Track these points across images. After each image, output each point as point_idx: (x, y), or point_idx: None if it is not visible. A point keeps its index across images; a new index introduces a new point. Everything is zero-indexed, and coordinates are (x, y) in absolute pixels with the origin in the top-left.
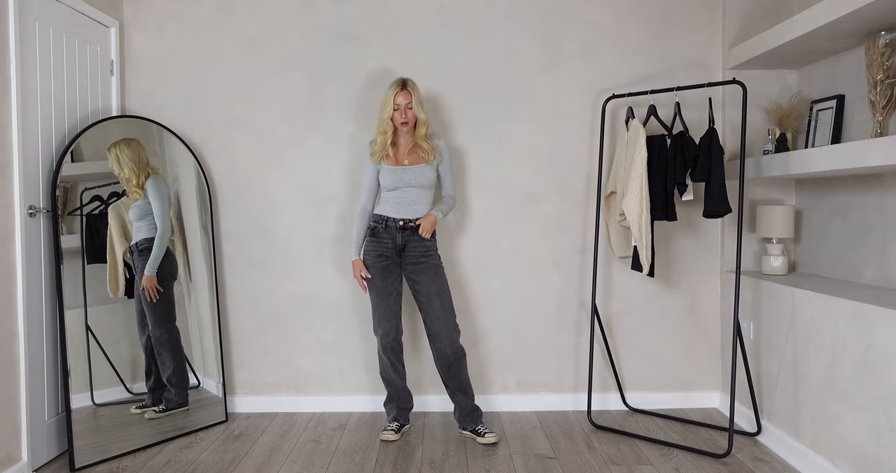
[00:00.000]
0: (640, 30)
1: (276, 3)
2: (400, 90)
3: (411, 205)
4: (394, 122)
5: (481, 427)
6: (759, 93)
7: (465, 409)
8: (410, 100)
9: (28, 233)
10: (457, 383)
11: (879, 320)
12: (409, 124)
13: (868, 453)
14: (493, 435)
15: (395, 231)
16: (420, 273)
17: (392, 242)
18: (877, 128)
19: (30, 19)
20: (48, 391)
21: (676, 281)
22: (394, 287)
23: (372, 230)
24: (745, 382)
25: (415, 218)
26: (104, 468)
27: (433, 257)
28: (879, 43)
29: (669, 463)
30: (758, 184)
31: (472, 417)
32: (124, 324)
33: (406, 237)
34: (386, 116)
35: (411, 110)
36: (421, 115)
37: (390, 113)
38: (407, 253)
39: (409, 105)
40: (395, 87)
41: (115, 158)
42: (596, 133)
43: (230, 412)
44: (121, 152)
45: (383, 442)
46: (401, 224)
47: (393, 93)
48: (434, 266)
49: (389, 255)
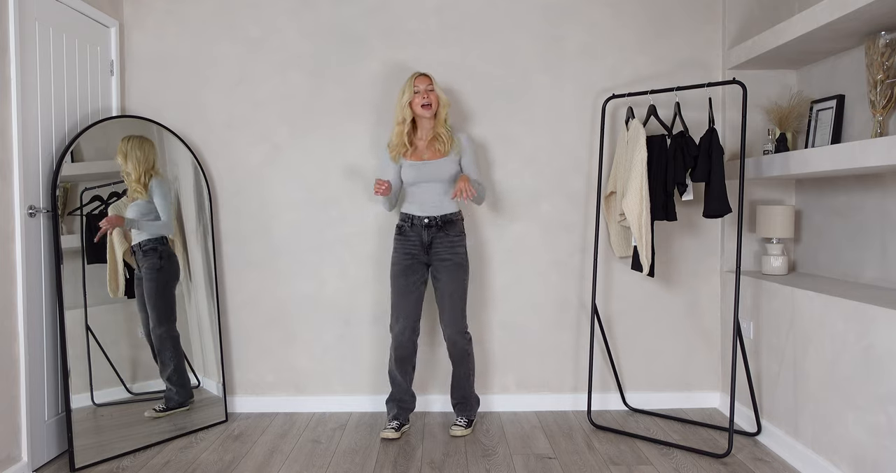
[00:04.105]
0: (640, 30)
1: (276, 3)
2: (419, 75)
3: (435, 201)
4: (413, 108)
5: (459, 418)
6: (759, 93)
7: (455, 399)
8: (431, 82)
9: (28, 233)
10: (455, 374)
11: (879, 320)
12: (431, 107)
13: (868, 453)
14: (461, 429)
15: (420, 229)
16: (443, 270)
17: (419, 240)
18: (877, 128)
19: (30, 19)
20: (48, 391)
21: (676, 281)
22: (415, 287)
23: (399, 229)
24: (745, 382)
25: (440, 215)
26: (104, 468)
27: (459, 255)
28: (879, 43)
29: (669, 463)
30: (758, 184)
31: (457, 408)
32: (124, 324)
33: (432, 234)
34: (405, 101)
35: (433, 91)
36: (443, 96)
37: (410, 97)
38: (434, 250)
39: (429, 87)
40: (414, 74)
41: (123, 152)
42: (596, 133)
43: (230, 412)
44: (131, 148)
45: (384, 440)
46: (426, 222)
47: (413, 79)
48: (457, 265)
49: (416, 253)
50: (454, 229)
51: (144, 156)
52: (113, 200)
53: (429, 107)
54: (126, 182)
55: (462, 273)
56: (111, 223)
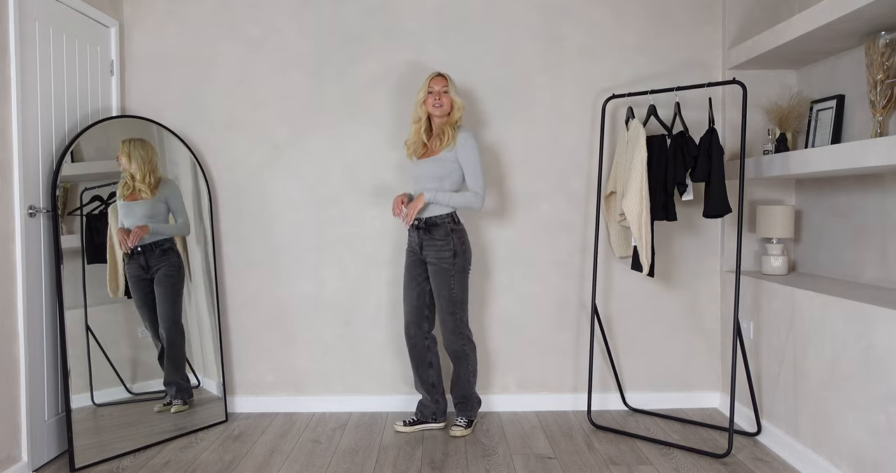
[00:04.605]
0: (640, 30)
1: (276, 3)
2: (436, 76)
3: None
4: (427, 108)
5: (459, 418)
6: (759, 93)
7: (456, 398)
8: (446, 84)
9: (28, 233)
10: (455, 374)
11: (879, 320)
12: (443, 109)
13: (868, 453)
14: (460, 429)
15: (412, 229)
16: (433, 274)
17: (415, 239)
18: (877, 128)
19: (30, 19)
20: (48, 391)
21: (676, 281)
22: (416, 283)
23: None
24: (745, 382)
25: (424, 217)
26: (104, 468)
27: (442, 259)
28: (879, 43)
29: (669, 463)
30: (758, 184)
31: (457, 407)
32: (124, 324)
33: (420, 236)
34: (420, 99)
35: (447, 94)
36: (457, 100)
37: (424, 96)
38: (424, 252)
39: (444, 88)
40: (432, 74)
41: (126, 153)
42: (596, 133)
43: (230, 412)
44: (133, 148)
45: (397, 433)
46: (415, 223)
47: (429, 79)
48: (441, 270)
49: (416, 251)
50: (439, 232)
51: (147, 155)
52: (113, 200)
53: (440, 109)
54: (130, 184)
55: (445, 277)
56: (138, 235)
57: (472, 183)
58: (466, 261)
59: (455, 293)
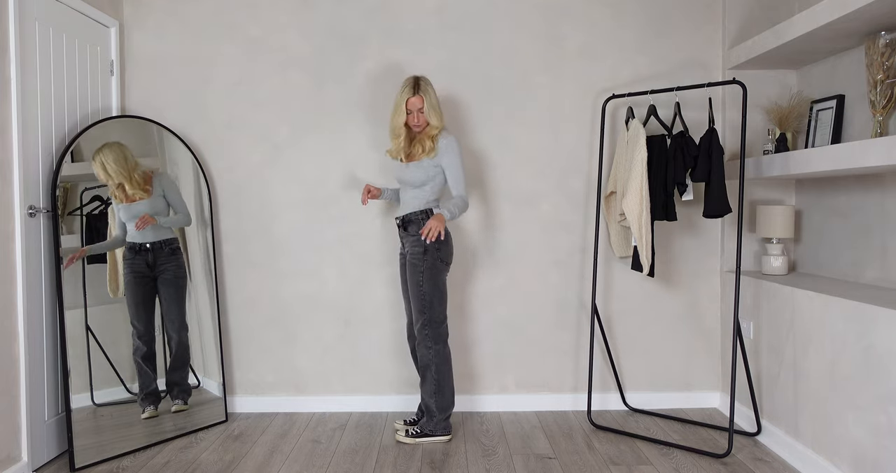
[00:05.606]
0: (640, 30)
1: (276, 3)
2: (412, 95)
3: (405, 203)
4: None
5: (412, 427)
6: (759, 93)
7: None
8: (423, 105)
9: (28, 233)
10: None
11: (879, 320)
12: (421, 126)
13: (868, 453)
14: (403, 436)
15: (398, 228)
16: (407, 269)
17: (400, 238)
18: (877, 128)
19: (30, 19)
20: (48, 391)
21: (676, 281)
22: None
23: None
24: (745, 382)
25: (403, 214)
26: (104, 468)
27: (415, 255)
28: (879, 43)
29: (669, 463)
30: (758, 184)
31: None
32: (124, 324)
33: (401, 235)
34: (399, 122)
35: (423, 114)
36: (433, 121)
37: (403, 118)
38: (404, 249)
39: (421, 110)
40: (408, 92)
41: (101, 167)
42: (596, 133)
43: (230, 412)
44: (106, 159)
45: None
46: (397, 222)
47: (405, 98)
48: (412, 265)
49: (403, 252)
50: (413, 228)
51: (121, 157)
52: (111, 202)
53: (418, 126)
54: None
55: (414, 273)
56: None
57: (456, 188)
58: (439, 259)
59: (424, 290)
